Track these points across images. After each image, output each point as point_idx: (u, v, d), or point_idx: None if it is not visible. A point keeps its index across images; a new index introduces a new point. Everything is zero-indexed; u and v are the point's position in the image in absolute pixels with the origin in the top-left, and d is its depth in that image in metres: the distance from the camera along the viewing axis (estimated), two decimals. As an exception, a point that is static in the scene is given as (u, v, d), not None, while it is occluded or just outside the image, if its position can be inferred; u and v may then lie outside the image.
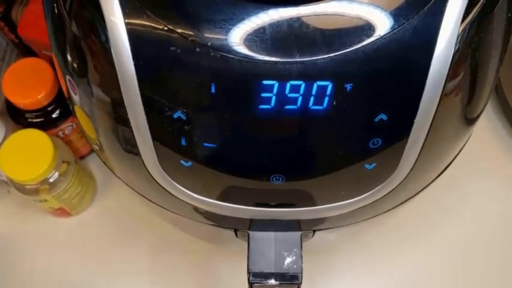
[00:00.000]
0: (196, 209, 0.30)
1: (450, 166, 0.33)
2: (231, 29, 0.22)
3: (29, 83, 0.42)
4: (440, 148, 0.29)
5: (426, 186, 0.33)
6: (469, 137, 0.33)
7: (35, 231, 0.49)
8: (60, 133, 0.46)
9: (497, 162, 0.51)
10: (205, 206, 0.29)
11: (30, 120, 0.44)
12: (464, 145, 0.33)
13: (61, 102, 0.44)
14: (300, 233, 0.33)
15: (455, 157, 0.33)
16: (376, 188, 0.28)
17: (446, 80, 0.23)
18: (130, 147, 0.27)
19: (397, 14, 0.22)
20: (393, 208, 0.33)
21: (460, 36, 0.23)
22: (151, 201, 0.33)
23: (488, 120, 0.52)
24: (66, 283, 0.47)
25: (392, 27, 0.22)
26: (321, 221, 0.32)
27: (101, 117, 0.28)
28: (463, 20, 0.23)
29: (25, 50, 0.49)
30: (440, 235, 0.48)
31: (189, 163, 0.26)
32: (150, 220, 0.48)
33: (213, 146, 0.25)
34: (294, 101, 0.23)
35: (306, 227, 0.33)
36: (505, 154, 0.51)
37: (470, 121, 0.30)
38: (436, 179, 0.33)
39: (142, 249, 0.48)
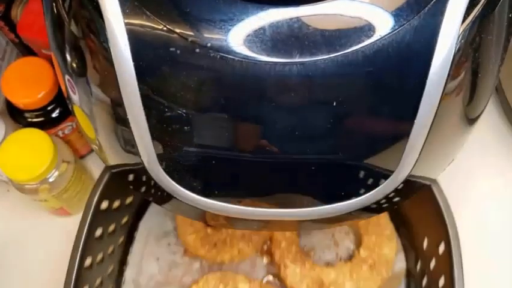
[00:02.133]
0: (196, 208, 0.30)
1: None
2: (230, 29, 0.22)
3: (29, 82, 0.42)
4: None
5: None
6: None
7: (35, 231, 0.49)
8: (60, 132, 0.46)
9: (497, 162, 0.51)
10: (204, 207, 0.29)
11: (30, 119, 0.44)
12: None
13: (61, 102, 0.44)
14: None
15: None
16: (376, 188, 0.28)
17: (446, 80, 0.23)
18: (129, 147, 0.27)
19: (398, 15, 0.22)
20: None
21: (460, 37, 0.23)
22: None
23: (488, 120, 0.52)
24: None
25: (392, 28, 0.22)
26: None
27: (100, 117, 0.28)
28: (463, 21, 0.23)
29: (25, 50, 0.49)
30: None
31: (189, 163, 0.26)
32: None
33: (213, 147, 0.25)
34: (294, 101, 0.23)
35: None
36: (505, 154, 0.51)
37: (470, 121, 0.30)
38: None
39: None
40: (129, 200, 0.44)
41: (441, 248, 0.38)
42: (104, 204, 0.40)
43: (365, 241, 0.44)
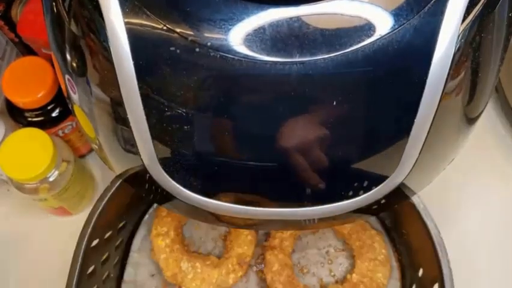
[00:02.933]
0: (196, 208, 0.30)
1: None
2: (230, 28, 0.22)
3: (29, 82, 0.42)
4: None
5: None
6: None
7: (34, 230, 0.49)
8: (60, 132, 0.46)
9: (497, 162, 0.51)
10: (204, 206, 0.29)
11: (30, 119, 0.44)
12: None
13: (61, 101, 0.44)
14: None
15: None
16: (376, 188, 0.28)
17: (446, 80, 0.23)
18: (129, 146, 0.27)
19: (397, 14, 0.22)
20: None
21: (460, 36, 0.23)
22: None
23: (488, 120, 0.52)
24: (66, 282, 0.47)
25: (392, 27, 0.22)
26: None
27: (100, 116, 0.28)
28: (463, 20, 0.23)
29: (25, 49, 0.49)
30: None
31: (189, 163, 0.26)
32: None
33: (212, 146, 0.25)
34: (293, 101, 0.23)
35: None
36: (505, 154, 0.51)
37: (470, 121, 0.30)
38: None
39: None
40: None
41: None
42: (95, 242, 0.40)
43: (358, 265, 0.43)
